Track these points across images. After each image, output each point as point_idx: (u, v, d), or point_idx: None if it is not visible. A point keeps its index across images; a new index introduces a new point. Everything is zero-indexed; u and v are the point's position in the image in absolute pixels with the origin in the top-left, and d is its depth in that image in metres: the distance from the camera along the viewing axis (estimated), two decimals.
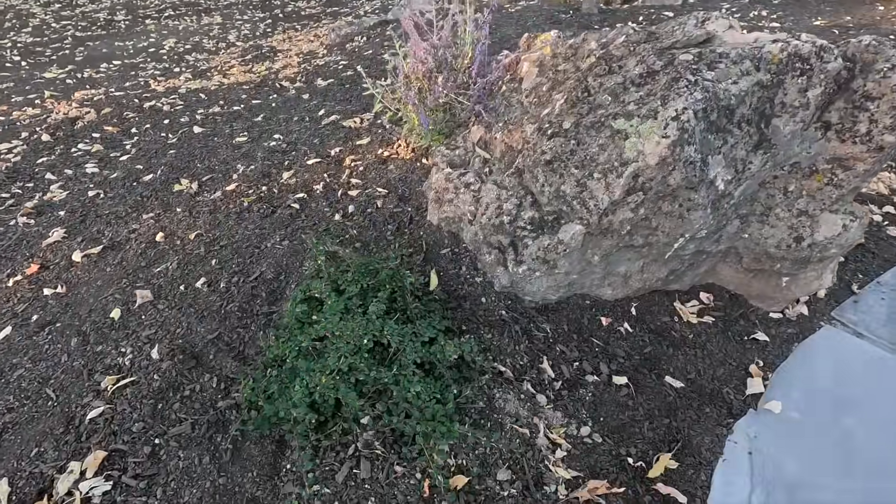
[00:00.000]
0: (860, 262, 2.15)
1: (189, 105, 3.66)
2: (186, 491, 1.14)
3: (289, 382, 1.24)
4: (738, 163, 1.50)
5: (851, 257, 2.17)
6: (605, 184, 1.45)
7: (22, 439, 1.28)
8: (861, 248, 2.23)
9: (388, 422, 1.22)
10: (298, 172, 2.40)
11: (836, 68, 1.39)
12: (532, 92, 1.90)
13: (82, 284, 1.84)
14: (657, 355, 1.67)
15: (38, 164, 2.97)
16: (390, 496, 1.17)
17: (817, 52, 1.39)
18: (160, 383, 1.35)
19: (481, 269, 1.72)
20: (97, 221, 2.26)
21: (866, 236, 2.30)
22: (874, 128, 1.43)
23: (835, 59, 1.38)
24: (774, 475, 1.37)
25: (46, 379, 1.44)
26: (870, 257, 2.17)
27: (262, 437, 1.24)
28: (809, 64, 1.40)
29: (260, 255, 1.83)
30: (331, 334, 1.28)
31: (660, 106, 1.40)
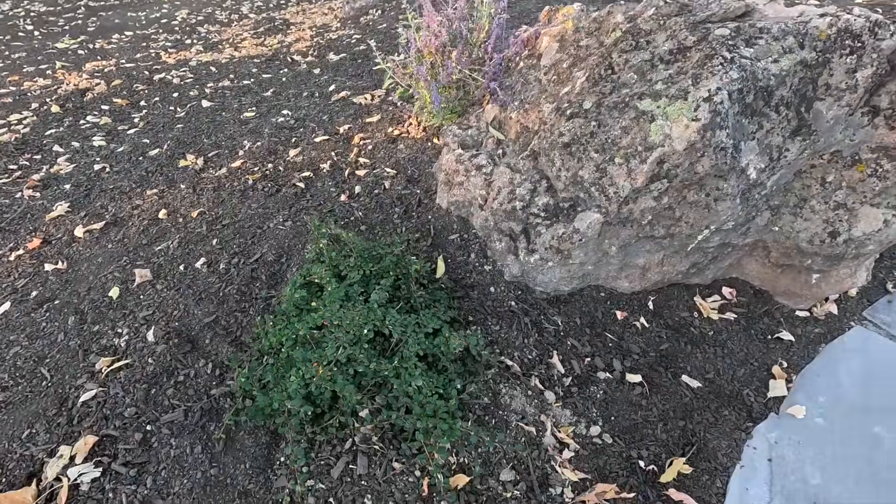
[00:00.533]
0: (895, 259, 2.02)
1: (199, 78, 3.58)
2: (177, 481, 1.10)
3: (284, 372, 1.18)
4: (773, 150, 1.38)
5: (887, 254, 2.04)
6: (627, 170, 1.35)
7: (14, 419, 1.25)
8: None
9: (388, 416, 1.16)
10: (305, 150, 2.32)
11: (892, 46, 1.26)
12: (551, 69, 1.78)
13: (83, 261, 1.80)
14: (674, 352, 1.58)
15: (47, 135, 2.93)
16: (387, 494, 1.12)
17: (871, 28, 1.25)
18: (154, 367, 1.31)
19: (491, 257, 1.64)
20: (101, 196, 2.22)
21: None
22: None
23: (890, 36, 1.25)
24: (795, 486, 1.29)
25: (42, 358, 1.41)
26: None
27: (255, 428, 1.19)
28: (861, 41, 1.27)
29: (262, 235, 1.77)
30: (330, 323, 1.22)
31: (691, 85, 1.29)
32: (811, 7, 1.37)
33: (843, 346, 1.66)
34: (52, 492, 1.09)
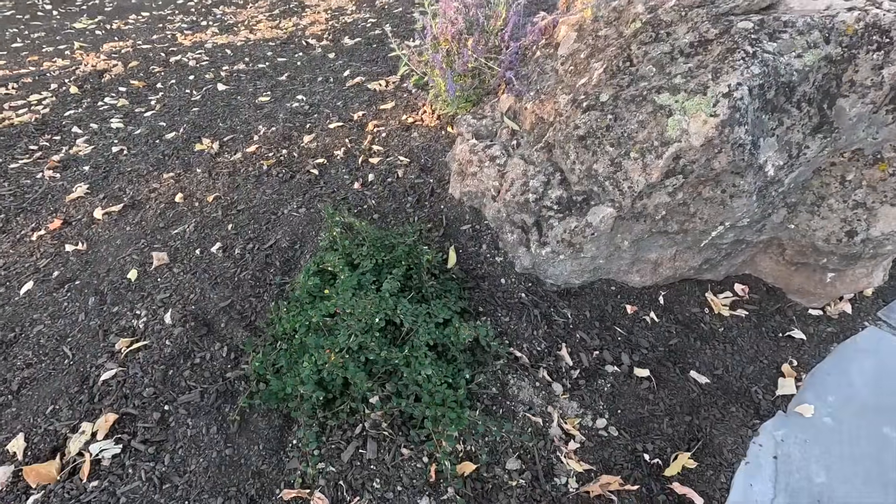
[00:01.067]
0: None
1: (214, 61, 3.59)
2: (193, 459, 1.14)
3: (298, 358, 1.21)
4: (792, 147, 1.36)
5: None
6: (642, 164, 1.34)
7: (39, 395, 1.30)
8: None
9: (397, 404, 1.19)
10: (320, 136, 2.33)
11: None
12: (568, 59, 1.76)
13: (102, 242, 1.84)
14: (683, 348, 1.59)
15: (66, 116, 2.97)
16: (396, 478, 1.15)
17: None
18: (172, 349, 1.34)
19: (502, 249, 1.64)
20: (119, 179, 2.25)
21: None
22: None
23: None
24: (800, 484, 1.30)
25: (64, 337, 1.46)
26: None
27: (269, 411, 1.22)
28: (889, 37, 1.23)
29: (276, 221, 1.79)
30: (342, 311, 1.24)
31: (710, 80, 1.27)
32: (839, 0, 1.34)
33: (855, 346, 1.65)
34: (75, 466, 1.13)
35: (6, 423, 1.25)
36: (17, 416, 1.26)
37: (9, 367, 1.39)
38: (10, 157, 2.59)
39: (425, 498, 1.13)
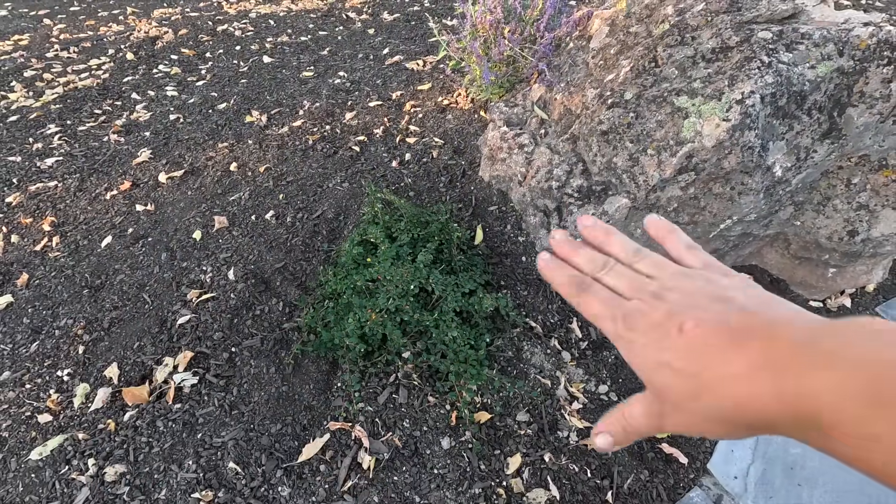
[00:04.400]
0: None
1: (259, 31, 3.75)
2: (256, 393, 1.37)
3: (343, 315, 1.42)
4: (800, 151, 1.47)
5: None
6: (658, 161, 1.47)
7: (126, 333, 1.55)
8: None
9: (426, 359, 1.39)
10: (360, 114, 2.49)
11: None
12: (599, 53, 1.86)
13: (168, 204, 2.08)
14: None
15: (125, 82, 3.19)
16: (422, 420, 1.36)
17: None
18: (235, 301, 1.57)
19: (525, 230, 1.81)
20: (178, 146, 2.47)
21: None
22: None
23: None
24: (776, 453, 1.47)
25: (143, 286, 1.70)
26: None
27: (318, 358, 1.44)
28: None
29: (322, 194, 1.99)
30: (382, 278, 1.43)
31: (726, 87, 1.38)
32: (858, 14, 1.41)
33: None
34: (162, 391, 1.38)
35: (101, 353, 1.51)
36: (110, 349, 1.51)
37: (99, 308, 1.64)
38: (78, 119, 2.84)
39: (446, 438, 1.34)
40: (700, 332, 0.31)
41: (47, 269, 1.83)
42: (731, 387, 0.28)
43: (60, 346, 1.54)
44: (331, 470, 1.25)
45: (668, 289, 0.35)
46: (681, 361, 0.31)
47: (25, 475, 1.25)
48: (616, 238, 0.40)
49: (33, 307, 1.68)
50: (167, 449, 1.27)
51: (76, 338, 1.56)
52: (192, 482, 1.21)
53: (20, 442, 1.32)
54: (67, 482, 1.22)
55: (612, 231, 0.40)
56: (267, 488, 1.21)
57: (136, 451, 1.27)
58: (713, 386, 0.29)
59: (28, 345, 1.56)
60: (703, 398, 0.30)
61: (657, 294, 0.34)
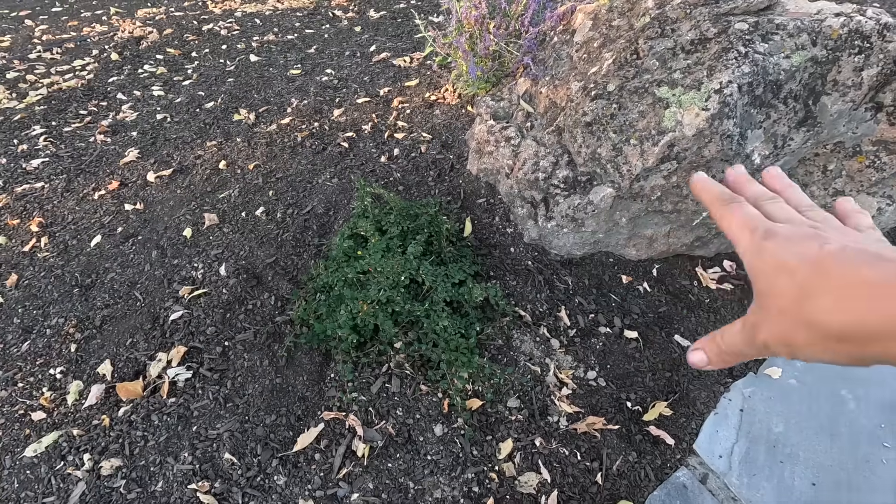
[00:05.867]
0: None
1: (245, 30, 3.74)
2: (250, 385, 1.39)
3: (335, 307, 1.44)
4: (778, 139, 1.51)
5: (891, 239, 2.16)
6: (641, 150, 1.51)
7: (118, 330, 1.55)
8: None
9: (418, 348, 1.42)
10: (348, 111, 2.50)
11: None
12: (583, 47, 1.90)
13: (157, 203, 2.08)
14: (671, 315, 1.78)
15: (110, 83, 3.17)
16: (415, 408, 1.38)
17: (879, 31, 1.35)
18: (228, 297, 1.58)
19: (513, 221, 1.84)
20: (166, 145, 2.47)
21: None
22: None
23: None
24: (760, 432, 1.51)
25: (134, 283, 1.70)
26: None
27: (311, 350, 1.46)
28: (870, 42, 1.36)
29: (312, 189, 2.00)
30: (373, 269, 1.46)
31: (705, 77, 1.42)
32: (830, 4, 1.46)
33: None
34: (156, 386, 1.39)
35: (94, 351, 1.51)
36: (103, 346, 1.52)
37: (90, 307, 1.64)
38: (63, 120, 2.82)
39: (439, 425, 1.37)
40: (839, 251, 0.29)
41: (36, 269, 1.83)
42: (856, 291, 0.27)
43: (52, 345, 1.54)
44: (326, 458, 1.27)
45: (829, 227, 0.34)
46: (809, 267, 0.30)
47: (20, 472, 1.25)
48: (795, 190, 0.39)
49: (23, 307, 1.68)
50: (163, 442, 1.28)
51: (68, 336, 1.56)
52: (189, 473, 1.22)
53: (14, 440, 1.32)
54: (63, 477, 1.23)
55: (794, 185, 0.39)
56: (263, 478, 1.23)
57: (131, 445, 1.28)
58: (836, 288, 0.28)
59: (19, 344, 1.56)
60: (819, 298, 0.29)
61: (814, 226, 0.33)
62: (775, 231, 0.32)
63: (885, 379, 1.65)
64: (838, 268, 0.29)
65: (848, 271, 0.28)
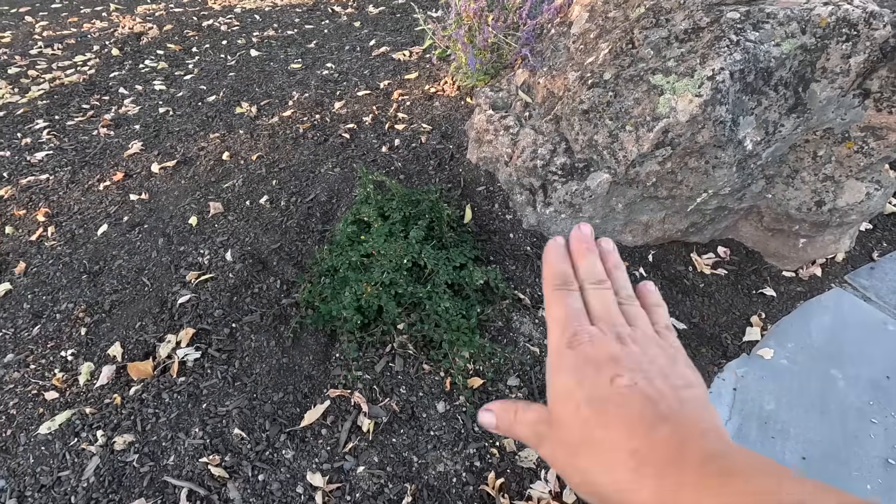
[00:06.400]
0: (889, 231, 2.19)
1: (245, 26, 3.77)
2: (257, 365, 1.43)
3: (340, 289, 1.48)
4: (769, 125, 1.56)
5: (881, 225, 2.21)
6: (636, 136, 1.55)
7: (127, 314, 1.59)
8: (894, 217, 2.26)
9: (420, 329, 1.46)
10: (349, 103, 2.54)
11: (884, 36, 1.40)
12: (580, 38, 1.94)
13: (162, 193, 2.11)
14: (666, 299, 1.82)
15: (111, 77, 3.20)
16: (418, 387, 1.43)
17: (866, 19, 1.39)
18: (234, 281, 1.62)
19: (512, 208, 1.88)
20: (169, 137, 2.50)
21: None
22: None
23: (883, 27, 1.39)
24: (752, 409, 1.56)
25: (141, 270, 1.74)
26: None
27: (316, 331, 1.50)
28: (857, 30, 1.41)
29: (314, 179, 2.04)
30: (376, 252, 1.50)
31: (698, 64, 1.46)
32: None
33: (819, 304, 1.88)
34: (165, 366, 1.43)
35: (104, 334, 1.55)
36: (112, 330, 1.55)
37: (99, 292, 1.68)
38: (66, 114, 2.85)
39: (441, 402, 1.41)
40: (627, 393, 0.30)
41: (44, 257, 1.86)
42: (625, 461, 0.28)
43: (62, 329, 1.58)
44: (332, 433, 1.31)
45: (633, 339, 0.34)
46: (591, 408, 0.30)
47: (35, 448, 1.29)
48: (622, 273, 0.40)
49: (33, 293, 1.71)
50: (174, 419, 1.32)
51: (78, 320, 1.59)
52: (200, 447, 1.26)
53: (28, 418, 1.36)
54: (77, 453, 1.27)
55: (621, 266, 0.41)
56: (271, 452, 1.27)
57: (143, 422, 1.31)
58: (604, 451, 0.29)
59: (30, 328, 1.60)
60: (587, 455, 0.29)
61: (620, 336, 0.34)
62: (578, 341, 0.33)
63: (873, 359, 1.70)
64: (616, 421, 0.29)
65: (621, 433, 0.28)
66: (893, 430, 1.53)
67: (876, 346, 1.75)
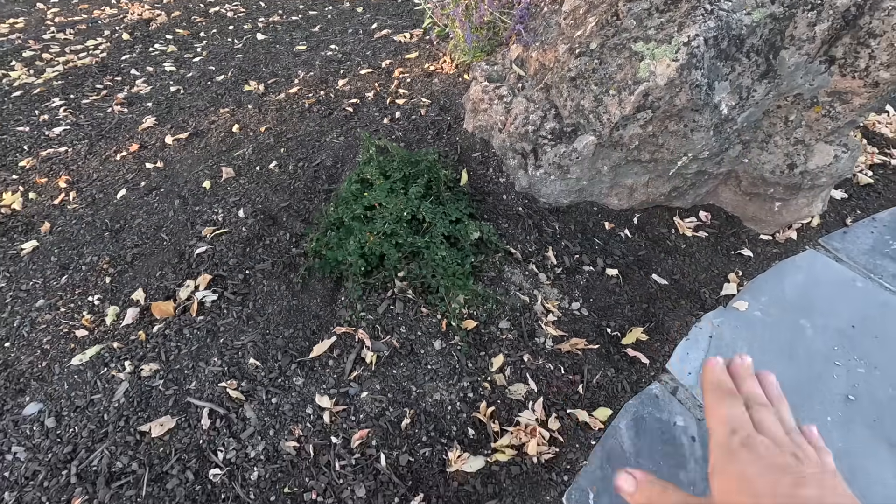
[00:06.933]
0: (863, 200, 2.32)
1: (250, 13, 3.89)
2: (269, 306, 1.56)
3: (345, 238, 1.60)
4: (742, 90, 1.68)
5: (855, 195, 2.34)
6: (619, 100, 1.67)
7: (147, 265, 1.72)
8: (869, 187, 2.38)
9: (419, 275, 1.58)
10: (352, 80, 2.67)
11: (846, 4, 1.52)
12: (570, 14, 2.06)
13: (176, 162, 2.24)
14: (649, 258, 1.96)
15: (122, 60, 3.32)
16: (416, 327, 1.56)
17: None
18: (247, 234, 1.75)
19: (505, 172, 2.00)
20: (181, 113, 2.63)
21: (877, 177, 2.44)
22: (872, 64, 1.57)
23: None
24: (725, 354, 1.69)
25: (159, 227, 1.87)
26: (874, 196, 2.34)
27: (323, 277, 1.63)
28: (821, 0, 1.53)
29: (320, 146, 2.16)
30: (379, 205, 1.62)
31: (675, 32, 1.59)
32: None
33: (793, 263, 2.01)
34: (186, 306, 1.56)
35: (127, 282, 1.68)
36: (135, 278, 1.68)
37: (121, 247, 1.81)
38: (80, 94, 2.97)
39: (438, 341, 1.54)
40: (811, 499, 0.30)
41: (67, 218, 1.99)
42: None
43: (88, 278, 1.71)
44: (338, 364, 1.44)
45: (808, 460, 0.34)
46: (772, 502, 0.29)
47: (69, 377, 1.42)
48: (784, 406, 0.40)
49: (59, 248, 1.84)
50: (194, 350, 1.45)
51: (102, 271, 1.72)
52: (219, 374, 1.39)
53: (60, 352, 1.49)
54: (108, 379, 1.40)
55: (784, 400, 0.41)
56: (283, 379, 1.40)
57: (166, 354, 1.44)
58: None
59: (58, 278, 1.73)
60: None
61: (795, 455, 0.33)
62: (755, 443, 0.33)
63: (841, 311, 1.83)
64: None
65: None
66: (855, 371, 1.65)
67: (844, 300, 1.88)
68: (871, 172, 2.46)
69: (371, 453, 1.30)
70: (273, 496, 1.21)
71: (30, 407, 1.36)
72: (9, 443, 1.29)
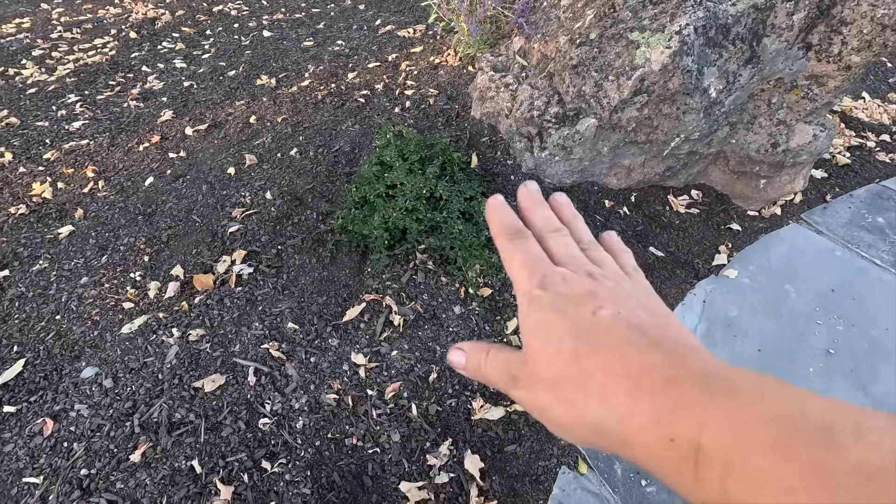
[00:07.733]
0: (842, 179, 2.50)
1: (253, 11, 4.00)
2: (302, 277, 1.69)
3: (370, 214, 1.74)
4: (729, 75, 1.85)
5: (834, 175, 2.52)
6: (618, 85, 1.83)
7: (183, 244, 1.84)
8: (847, 167, 2.57)
9: (438, 247, 1.73)
10: (361, 74, 2.80)
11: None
12: (569, 8, 2.21)
13: (198, 151, 2.36)
14: (646, 233, 2.12)
15: (132, 58, 3.43)
16: (437, 295, 1.70)
17: None
18: (276, 213, 1.88)
19: (512, 154, 2.15)
20: (197, 106, 2.74)
21: (854, 158, 2.62)
22: (844, 49, 1.74)
23: None
24: (718, 316, 1.85)
25: (190, 210, 1.99)
26: (851, 175, 2.52)
27: (350, 250, 1.77)
28: None
29: (337, 134, 2.30)
30: (400, 184, 1.76)
31: (668, 21, 1.74)
32: None
33: (778, 236, 2.18)
34: (224, 279, 1.69)
35: (165, 260, 1.80)
36: (172, 256, 1.81)
37: (155, 229, 1.93)
38: (94, 90, 3.07)
39: (458, 306, 1.68)
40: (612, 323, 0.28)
41: (100, 205, 2.11)
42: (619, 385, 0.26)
43: (127, 258, 1.83)
44: (369, 326, 1.58)
45: (605, 276, 0.32)
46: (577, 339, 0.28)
47: (121, 343, 1.54)
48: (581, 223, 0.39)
49: (96, 231, 1.96)
50: (236, 317, 1.58)
51: (140, 250, 1.84)
52: (261, 337, 1.52)
53: (110, 322, 1.61)
54: (158, 344, 1.53)
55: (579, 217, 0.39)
56: (320, 340, 1.54)
57: (211, 320, 1.57)
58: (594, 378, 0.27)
59: (98, 258, 1.84)
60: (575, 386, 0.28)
61: (592, 274, 0.32)
62: (553, 280, 0.31)
63: (822, 277, 2.00)
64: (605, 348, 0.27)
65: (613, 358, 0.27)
66: (834, 329, 1.82)
67: (825, 267, 2.05)
68: (848, 154, 2.64)
69: (403, 404, 1.44)
70: (318, 441, 1.35)
71: (87, 371, 1.48)
72: (71, 402, 1.42)
